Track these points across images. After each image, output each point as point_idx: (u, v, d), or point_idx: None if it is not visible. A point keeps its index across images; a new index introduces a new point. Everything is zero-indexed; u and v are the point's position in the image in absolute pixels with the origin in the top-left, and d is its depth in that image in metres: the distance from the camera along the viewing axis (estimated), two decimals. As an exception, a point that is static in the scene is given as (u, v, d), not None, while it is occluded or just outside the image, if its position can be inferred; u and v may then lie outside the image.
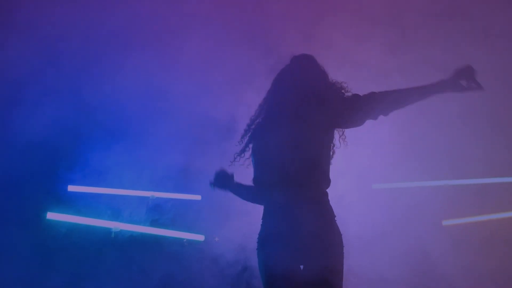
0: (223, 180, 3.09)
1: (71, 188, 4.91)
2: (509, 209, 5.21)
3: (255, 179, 3.02)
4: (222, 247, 4.95)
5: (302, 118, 2.84)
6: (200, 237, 5.10)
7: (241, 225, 4.82)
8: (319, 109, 2.84)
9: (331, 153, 2.96)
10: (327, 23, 4.75)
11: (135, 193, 5.07)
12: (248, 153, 3.10)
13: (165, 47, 4.93)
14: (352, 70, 4.02)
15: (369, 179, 5.00)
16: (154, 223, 5.06)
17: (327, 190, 2.90)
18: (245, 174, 3.10)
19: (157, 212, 5.08)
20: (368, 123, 2.91)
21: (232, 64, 4.90)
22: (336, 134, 2.98)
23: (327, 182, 2.90)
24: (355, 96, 2.88)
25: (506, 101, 5.02)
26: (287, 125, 2.86)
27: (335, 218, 2.85)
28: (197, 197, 5.16)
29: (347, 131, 3.02)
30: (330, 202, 2.90)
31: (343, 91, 2.95)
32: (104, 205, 4.98)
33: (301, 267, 2.81)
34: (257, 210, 4.76)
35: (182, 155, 4.90)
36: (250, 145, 3.07)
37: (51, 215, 4.81)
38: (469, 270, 4.83)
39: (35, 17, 4.69)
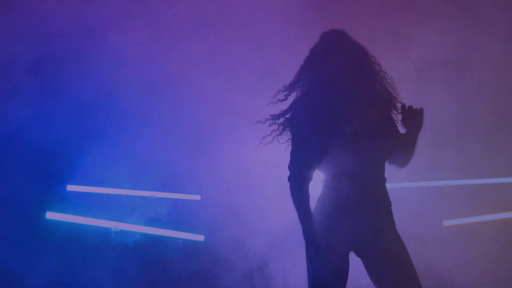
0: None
1: (70, 187, 4.90)
2: (510, 209, 5.21)
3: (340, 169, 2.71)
4: (222, 247, 4.94)
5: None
6: (199, 237, 5.09)
7: (241, 225, 4.83)
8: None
9: None
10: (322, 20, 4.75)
11: (135, 193, 5.06)
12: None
13: (164, 48, 4.93)
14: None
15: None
16: (153, 223, 5.05)
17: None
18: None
19: (156, 212, 5.07)
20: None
21: (230, 64, 4.90)
22: None
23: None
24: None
25: (505, 102, 5.02)
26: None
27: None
28: (197, 197, 5.15)
29: None
30: None
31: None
32: (103, 205, 4.97)
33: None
34: (256, 210, 4.78)
35: (181, 155, 4.90)
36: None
37: (50, 215, 4.81)
38: (470, 270, 4.82)
39: (30, 14, 4.70)
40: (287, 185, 2.94)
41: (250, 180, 4.81)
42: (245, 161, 4.78)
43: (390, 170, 2.98)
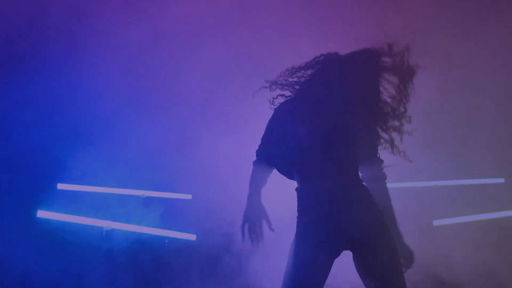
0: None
1: (60, 186, 4.90)
2: (499, 210, 5.24)
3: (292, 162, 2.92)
4: (213, 246, 4.95)
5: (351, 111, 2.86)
6: (191, 236, 5.09)
7: (232, 224, 4.83)
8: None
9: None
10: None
11: (126, 191, 5.05)
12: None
13: (154, 47, 4.93)
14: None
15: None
16: (144, 222, 5.04)
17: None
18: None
19: (147, 211, 5.07)
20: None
21: (220, 64, 4.90)
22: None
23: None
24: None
25: (493, 103, 5.04)
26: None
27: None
28: (188, 196, 5.16)
29: None
30: None
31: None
32: (95, 204, 4.96)
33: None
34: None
35: (173, 154, 4.90)
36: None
37: (41, 214, 4.80)
38: (459, 270, 4.85)
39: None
40: (277, 183, 2.98)
41: (241, 179, 4.81)
42: (236, 160, 4.79)
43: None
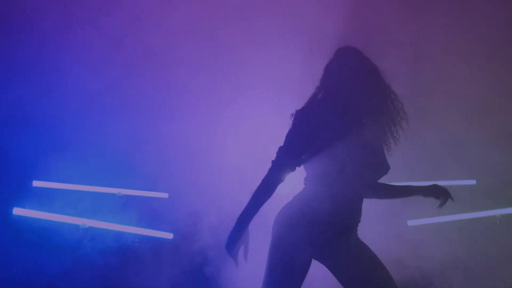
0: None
1: (36, 183, 4.86)
2: (471, 211, 5.31)
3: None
4: (189, 245, 4.96)
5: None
6: (168, 235, 5.09)
7: (209, 223, 4.85)
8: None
9: None
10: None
11: (102, 189, 5.04)
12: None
13: (128, 42, 4.92)
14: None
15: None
16: (121, 221, 5.03)
17: None
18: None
19: (124, 209, 5.06)
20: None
21: (196, 57, 4.90)
22: None
23: None
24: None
25: (473, 107, 5.10)
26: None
27: None
28: (164, 195, 5.16)
29: None
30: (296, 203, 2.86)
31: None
32: (71, 202, 4.94)
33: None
34: (228, 207, 4.80)
35: (149, 152, 4.90)
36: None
37: (17, 211, 4.77)
38: (435, 270, 4.91)
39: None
40: (254, 183, 2.97)
41: (219, 178, 4.84)
42: (213, 159, 4.81)
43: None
